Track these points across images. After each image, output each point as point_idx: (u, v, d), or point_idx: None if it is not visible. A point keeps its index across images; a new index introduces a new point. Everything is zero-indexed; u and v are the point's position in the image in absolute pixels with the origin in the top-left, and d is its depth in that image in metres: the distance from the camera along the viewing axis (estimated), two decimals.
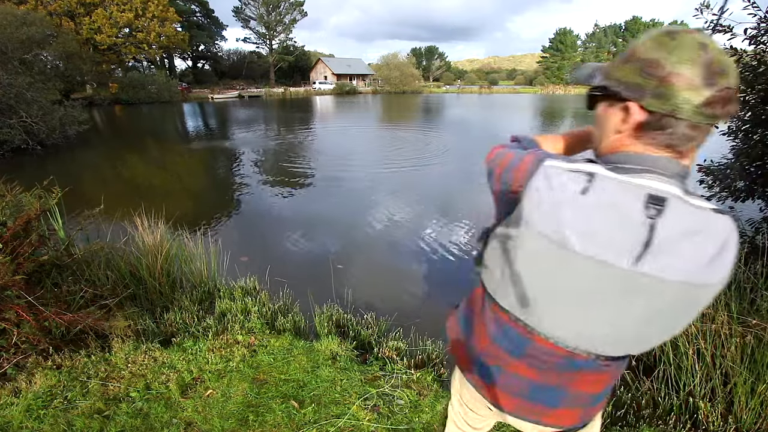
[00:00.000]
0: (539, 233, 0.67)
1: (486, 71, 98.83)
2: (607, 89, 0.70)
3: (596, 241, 0.64)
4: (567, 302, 0.72)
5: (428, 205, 6.88)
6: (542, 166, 0.69)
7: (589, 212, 0.64)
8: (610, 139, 0.73)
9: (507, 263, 0.76)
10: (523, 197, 0.69)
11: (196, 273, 3.39)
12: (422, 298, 3.99)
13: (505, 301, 0.80)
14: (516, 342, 0.82)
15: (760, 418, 1.78)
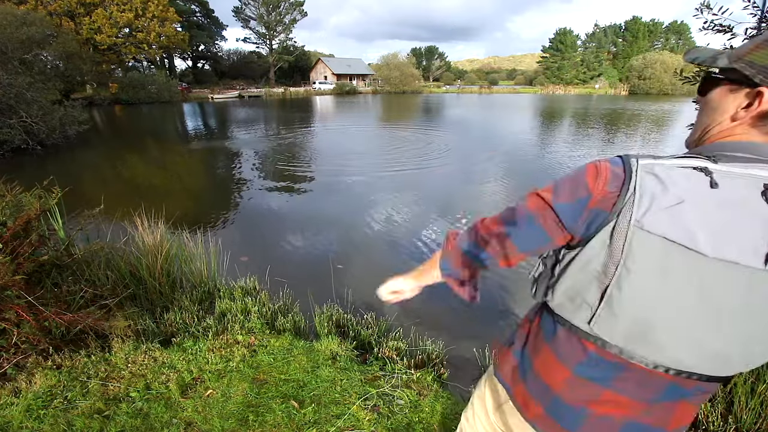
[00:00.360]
0: (661, 238, 0.60)
1: (486, 71, 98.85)
2: (737, 72, 0.64)
3: (728, 241, 0.58)
4: (693, 322, 0.63)
5: (428, 205, 6.88)
6: (639, 166, 0.63)
7: (718, 208, 0.58)
8: (721, 126, 0.68)
9: (610, 290, 0.65)
10: (625, 204, 0.62)
11: (196, 273, 3.39)
12: (422, 298, 3.98)
13: (609, 336, 0.69)
14: (608, 370, 0.72)
15: (760, 418, 1.78)
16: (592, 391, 0.75)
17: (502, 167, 9.89)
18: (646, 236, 0.61)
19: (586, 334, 0.73)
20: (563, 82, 62.77)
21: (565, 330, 0.77)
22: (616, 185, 0.64)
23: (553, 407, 0.81)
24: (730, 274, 0.59)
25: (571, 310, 0.74)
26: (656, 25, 63.84)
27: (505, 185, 8.23)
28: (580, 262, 0.70)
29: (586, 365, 0.74)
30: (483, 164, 10.24)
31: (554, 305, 0.78)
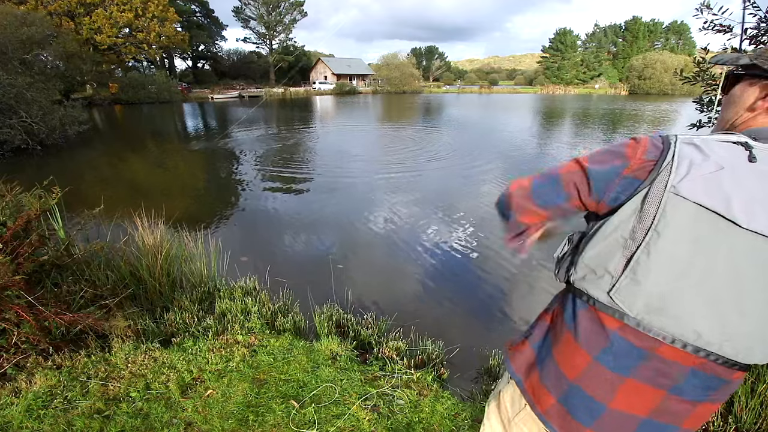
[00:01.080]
0: (695, 204, 0.61)
1: (486, 71, 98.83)
2: (758, 68, 0.71)
3: (762, 212, 0.59)
4: (718, 293, 0.63)
5: (428, 205, 6.88)
6: (678, 138, 0.67)
7: (755, 180, 0.60)
8: (744, 117, 0.73)
9: (637, 254, 0.67)
10: (661, 171, 0.65)
11: (196, 273, 3.39)
12: (422, 298, 3.99)
13: (629, 306, 0.69)
14: (628, 355, 0.71)
15: (760, 418, 1.78)
16: (613, 381, 0.73)
17: (504, 166, 9.89)
18: (681, 202, 0.62)
19: (605, 306, 0.73)
20: (563, 82, 62.76)
21: (586, 310, 0.77)
22: (655, 154, 0.67)
23: (568, 397, 0.79)
24: (760, 246, 0.60)
25: (593, 281, 0.75)
26: (656, 25, 63.85)
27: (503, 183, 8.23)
28: (607, 229, 0.71)
29: (608, 351, 0.73)
30: (487, 165, 10.24)
31: (576, 279, 0.79)
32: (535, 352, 0.88)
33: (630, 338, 0.71)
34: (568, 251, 0.84)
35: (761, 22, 3.13)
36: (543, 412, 0.84)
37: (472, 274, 4.47)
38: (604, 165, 0.72)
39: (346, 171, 9.65)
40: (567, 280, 0.84)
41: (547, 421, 0.83)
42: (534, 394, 0.86)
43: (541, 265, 4.53)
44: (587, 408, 0.77)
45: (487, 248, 5.10)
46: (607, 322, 0.73)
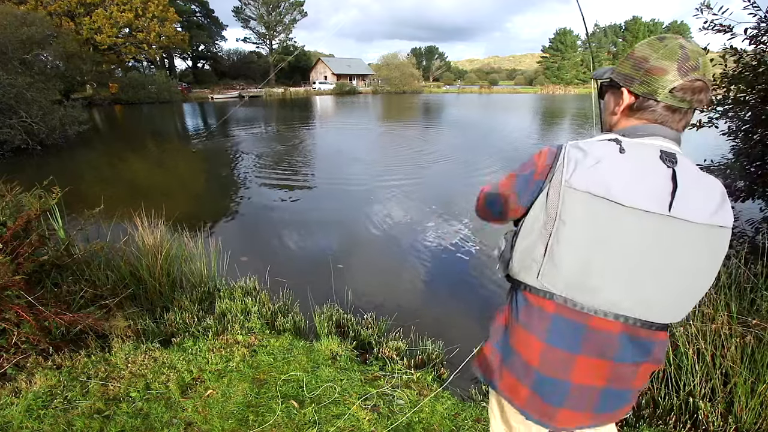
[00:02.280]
0: (585, 192, 0.75)
1: (486, 71, 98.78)
2: (611, 80, 0.89)
3: (637, 191, 0.74)
4: (618, 264, 0.77)
5: (429, 205, 6.88)
6: (568, 144, 0.82)
7: (627, 167, 0.76)
8: (611, 119, 0.91)
9: (551, 243, 0.80)
10: (555, 171, 0.80)
11: (196, 273, 3.39)
12: (422, 299, 3.99)
13: (553, 285, 0.82)
14: (571, 332, 0.83)
15: (760, 418, 1.78)
16: (567, 360, 0.84)
17: (505, 168, 9.89)
18: (574, 192, 0.76)
19: (537, 290, 0.86)
20: (563, 82, 62.73)
21: (526, 299, 0.88)
22: (551, 159, 0.83)
23: (537, 384, 0.88)
24: (642, 220, 0.74)
25: (525, 271, 0.87)
26: (656, 25, 63.81)
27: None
28: (527, 224, 0.86)
29: (552, 331, 0.84)
30: (487, 168, 10.24)
31: (514, 272, 0.91)
32: (499, 352, 0.96)
33: (565, 315, 0.82)
34: (505, 248, 0.96)
35: (761, 22, 3.12)
36: (521, 406, 0.92)
37: (473, 274, 4.47)
38: (524, 174, 0.89)
39: (346, 170, 9.65)
40: (507, 275, 0.96)
41: (526, 413, 0.92)
42: (510, 390, 0.94)
43: None
44: (555, 389, 0.86)
45: (487, 248, 5.11)
46: (545, 306, 0.85)
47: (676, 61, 0.77)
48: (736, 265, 2.31)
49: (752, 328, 1.91)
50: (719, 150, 3.71)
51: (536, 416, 0.91)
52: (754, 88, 3.19)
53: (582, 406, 0.87)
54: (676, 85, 0.77)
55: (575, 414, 0.88)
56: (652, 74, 0.79)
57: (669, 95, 0.78)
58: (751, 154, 3.37)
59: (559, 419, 0.89)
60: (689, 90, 0.77)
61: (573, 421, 0.89)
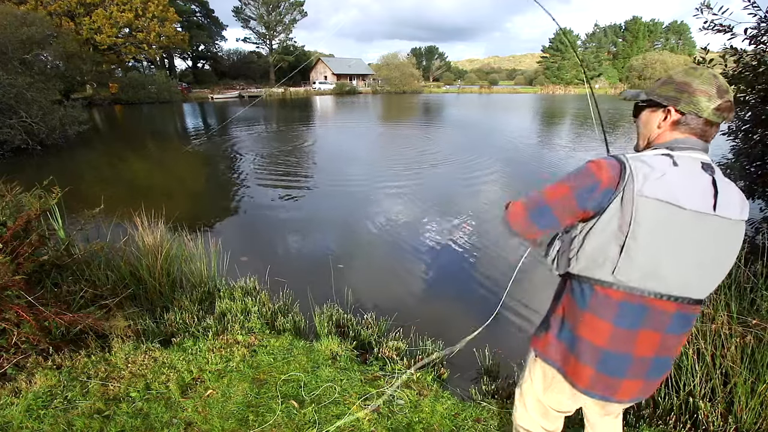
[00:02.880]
0: (656, 200, 0.91)
1: (486, 71, 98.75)
2: (653, 101, 1.05)
3: (693, 196, 0.91)
4: (679, 256, 0.95)
5: (429, 206, 6.88)
6: (627, 159, 0.96)
7: (684, 178, 0.93)
8: (654, 133, 1.06)
9: (626, 241, 0.94)
10: (626, 182, 0.93)
11: (196, 273, 3.39)
12: (422, 299, 3.99)
13: (627, 278, 0.97)
14: (636, 314, 0.99)
15: (760, 418, 1.78)
16: (630, 336, 1.01)
17: (501, 168, 9.89)
18: (646, 200, 0.91)
19: (610, 284, 1.00)
20: (563, 82, 62.71)
21: (594, 290, 1.02)
22: (616, 171, 0.96)
23: (603, 363, 1.04)
24: (697, 219, 0.92)
25: (595, 268, 1.01)
26: (656, 25, 63.82)
27: (508, 184, 8.23)
28: (599, 227, 0.98)
29: (620, 315, 1.00)
30: (487, 168, 10.24)
31: (579, 269, 1.05)
32: (561, 341, 1.13)
33: (633, 301, 0.99)
34: (564, 248, 1.10)
35: (761, 22, 3.12)
36: (585, 386, 1.08)
37: (472, 274, 4.47)
38: (585, 185, 0.99)
39: (346, 170, 9.65)
40: (566, 273, 1.10)
41: (591, 392, 1.08)
42: (574, 374, 1.10)
43: (539, 266, 4.52)
44: (619, 363, 1.03)
45: (486, 249, 5.11)
46: (613, 295, 1.00)
47: (715, 86, 0.96)
48: (736, 265, 2.31)
49: (752, 328, 1.91)
50: (719, 149, 3.71)
51: (601, 392, 1.07)
52: (754, 88, 3.19)
53: (639, 374, 1.04)
54: (717, 105, 0.96)
55: (633, 383, 1.05)
56: (697, 95, 0.97)
57: (712, 112, 0.97)
58: (751, 154, 3.37)
59: (621, 391, 1.06)
60: (726, 109, 0.97)
61: (630, 391, 1.06)
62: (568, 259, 1.07)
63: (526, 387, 1.31)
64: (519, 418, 1.38)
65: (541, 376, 1.23)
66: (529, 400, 1.30)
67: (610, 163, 0.98)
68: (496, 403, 2.11)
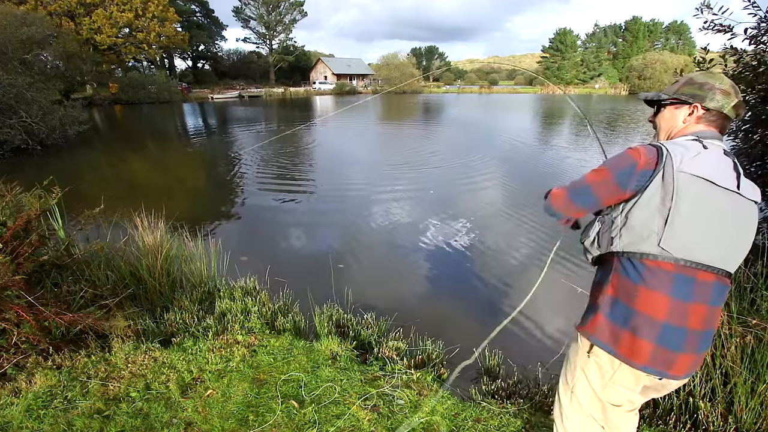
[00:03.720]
0: (695, 176, 1.01)
1: (486, 71, 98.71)
2: (678, 99, 1.18)
3: (723, 174, 1.03)
4: (716, 228, 1.04)
5: (429, 205, 6.88)
6: (662, 143, 1.09)
7: (713, 160, 1.05)
8: (678, 127, 1.19)
9: (670, 213, 1.02)
10: (666, 161, 1.04)
11: (196, 273, 3.39)
12: (422, 299, 3.99)
13: (673, 249, 1.03)
14: (687, 286, 1.05)
15: (760, 418, 1.78)
16: (685, 309, 1.05)
17: (501, 169, 9.89)
18: (685, 176, 1.02)
19: (655, 256, 1.06)
20: (563, 82, 62.69)
21: (643, 264, 1.08)
22: (654, 154, 1.08)
23: (662, 336, 1.06)
24: (727, 195, 1.03)
25: (641, 241, 1.07)
26: (656, 25, 63.81)
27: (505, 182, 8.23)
28: (642, 202, 1.07)
29: (675, 287, 1.04)
30: (486, 169, 10.24)
31: (623, 246, 1.11)
32: (611, 321, 1.13)
33: (683, 272, 1.04)
34: (604, 229, 1.17)
35: (761, 22, 3.12)
36: (644, 362, 1.08)
37: (472, 274, 4.47)
38: (623, 167, 1.11)
39: (346, 170, 9.65)
40: (607, 253, 1.17)
41: (649, 367, 1.08)
42: (629, 351, 1.10)
43: (538, 266, 4.53)
44: (677, 336, 1.06)
45: (486, 249, 5.11)
46: (665, 266, 1.05)
47: (731, 87, 1.12)
48: None
49: (752, 328, 1.91)
50: None
51: (658, 368, 1.08)
52: (754, 88, 3.19)
53: (693, 348, 1.07)
54: (735, 102, 1.11)
55: (687, 357, 1.08)
56: (719, 95, 1.11)
57: (731, 109, 1.11)
58: (751, 154, 3.37)
59: (676, 365, 1.08)
60: (740, 106, 1.13)
61: (684, 366, 1.08)
62: (611, 237, 1.14)
63: (580, 386, 1.24)
64: (571, 425, 1.29)
65: (597, 371, 1.19)
66: (585, 398, 1.24)
67: (647, 148, 1.09)
68: (496, 403, 2.11)
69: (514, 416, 2.01)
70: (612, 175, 1.12)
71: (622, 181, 1.09)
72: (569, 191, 1.23)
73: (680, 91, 1.17)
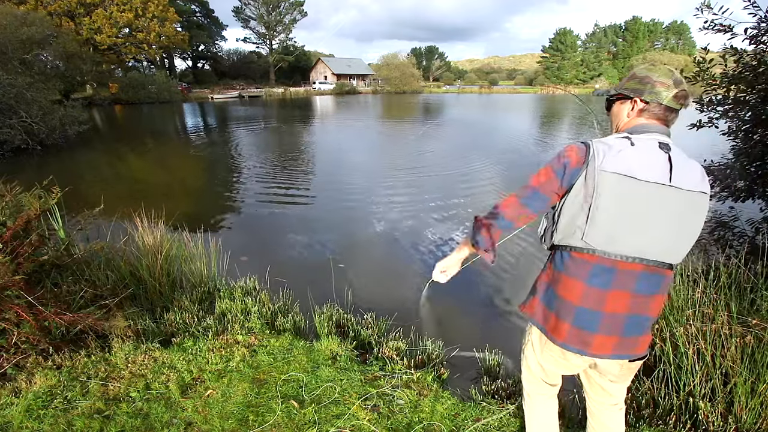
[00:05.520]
0: (614, 173, 1.06)
1: (486, 71, 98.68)
2: (621, 94, 1.24)
3: (649, 170, 1.06)
4: (638, 221, 1.08)
5: (429, 204, 6.88)
6: (592, 141, 1.14)
7: (640, 155, 1.09)
8: (624, 121, 1.24)
9: (590, 210, 1.09)
10: (589, 160, 1.10)
11: (196, 273, 3.39)
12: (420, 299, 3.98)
13: (594, 243, 1.11)
14: (605, 275, 1.13)
15: (760, 418, 1.77)
16: (601, 295, 1.14)
17: (500, 169, 9.89)
18: (606, 174, 1.07)
19: (580, 249, 1.16)
20: (563, 82, 62.69)
21: (569, 255, 1.18)
22: (583, 151, 1.14)
23: (577, 317, 1.17)
24: (653, 190, 1.06)
25: (569, 236, 1.17)
26: (656, 25, 63.81)
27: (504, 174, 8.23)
28: (569, 200, 1.15)
29: (592, 275, 1.14)
30: (485, 168, 10.24)
31: (558, 240, 1.21)
32: (543, 303, 1.29)
33: (602, 263, 1.13)
34: (549, 224, 1.26)
35: (761, 21, 3.12)
36: (563, 340, 1.21)
37: (472, 274, 4.47)
38: (560, 165, 1.16)
39: (346, 169, 9.65)
40: (551, 245, 1.27)
41: (567, 345, 1.21)
42: (554, 330, 1.24)
43: (538, 266, 4.53)
44: (591, 318, 1.16)
45: None
46: (587, 258, 1.15)
47: (671, 78, 1.14)
48: (736, 265, 2.31)
49: (752, 328, 1.91)
50: (719, 149, 3.70)
51: (576, 346, 1.19)
52: (754, 88, 3.19)
53: (612, 330, 1.16)
54: (674, 93, 1.13)
55: (607, 338, 1.17)
56: (657, 87, 1.14)
57: (671, 100, 1.14)
58: (751, 154, 3.37)
59: (594, 345, 1.17)
60: (682, 96, 1.15)
61: (605, 346, 1.17)
62: (552, 233, 1.24)
63: (527, 350, 1.45)
64: (525, 379, 1.53)
65: (537, 339, 1.37)
66: (531, 361, 1.43)
67: (579, 146, 1.15)
68: (496, 403, 2.11)
69: (514, 416, 2.01)
70: (554, 173, 1.18)
71: (561, 178, 1.16)
72: (519, 197, 1.24)
73: (624, 86, 1.22)
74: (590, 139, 1.18)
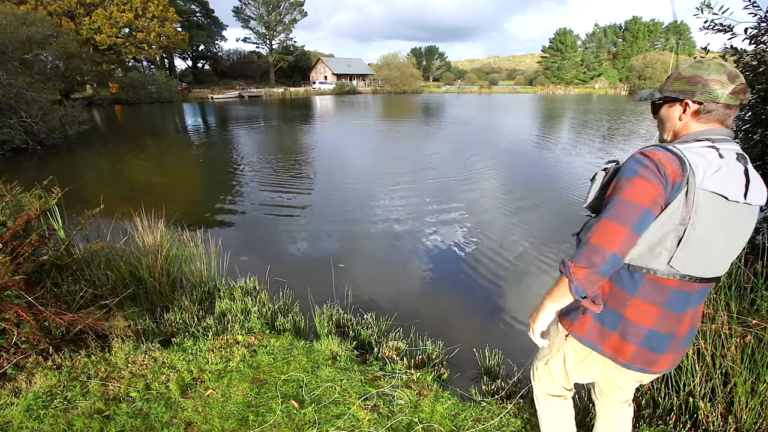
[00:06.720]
0: (711, 192, 0.97)
1: (486, 71, 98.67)
2: (668, 97, 1.12)
3: (734, 188, 0.99)
4: (722, 242, 1.03)
5: (429, 204, 6.88)
6: (681, 151, 1.00)
7: (728, 170, 1.00)
8: (678, 125, 1.12)
9: (687, 233, 0.99)
10: (688, 176, 0.97)
11: (196, 273, 3.39)
12: (422, 298, 3.99)
13: (680, 265, 1.03)
14: (684, 299, 1.08)
15: (760, 418, 1.77)
16: (678, 319, 1.10)
17: (500, 168, 9.89)
18: (706, 193, 0.97)
19: (663, 273, 1.05)
20: (563, 82, 62.68)
21: (646, 278, 1.07)
22: (678, 164, 0.98)
23: (647, 339, 1.11)
24: (733, 208, 1.00)
25: (651, 258, 1.05)
26: (656, 25, 63.79)
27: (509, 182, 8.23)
28: (661, 220, 1.01)
29: (670, 300, 1.08)
30: (484, 168, 10.24)
31: (630, 259, 1.08)
32: (600, 323, 1.17)
33: (682, 288, 1.07)
34: None
35: (761, 21, 3.12)
36: (627, 360, 1.15)
37: (472, 274, 4.47)
38: (660, 176, 0.99)
39: (346, 169, 9.64)
40: None
41: (632, 365, 1.15)
42: (614, 350, 1.16)
43: (538, 266, 4.53)
44: (662, 340, 1.12)
45: (485, 248, 5.10)
46: (666, 283, 1.06)
47: (725, 73, 1.03)
48: (736, 265, 2.31)
49: (752, 328, 1.91)
50: None
51: (639, 365, 1.14)
52: (754, 88, 3.19)
53: (677, 348, 1.14)
54: (731, 89, 1.02)
55: (670, 356, 1.14)
56: (711, 85, 1.03)
57: (728, 96, 1.02)
58: (751, 154, 3.36)
59: (659, 364, 1.14)
60: (741, 91, 1.04)
61: (665, 364, 1.15)
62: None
63: (554, 361, 1.38)
64: (544, 386, 1.49)
65: (573, 353, 1.29)
66: (557, 372, 1.39)
67: (670, 156, 0.99)
68: (496, 403, 2.11)
69: (514, 416, 2.01)
70: (661, 185, 0.98)
71: (666, 192, 0.99)
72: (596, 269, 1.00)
73: (670, 87, 1.11)
74: (664, 144, 1.04)
